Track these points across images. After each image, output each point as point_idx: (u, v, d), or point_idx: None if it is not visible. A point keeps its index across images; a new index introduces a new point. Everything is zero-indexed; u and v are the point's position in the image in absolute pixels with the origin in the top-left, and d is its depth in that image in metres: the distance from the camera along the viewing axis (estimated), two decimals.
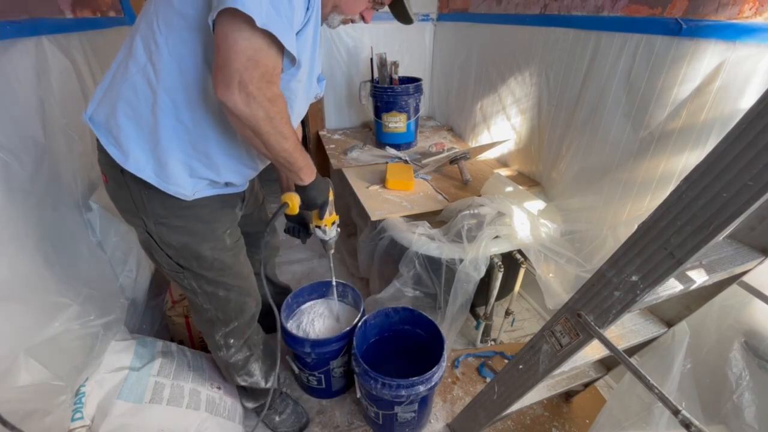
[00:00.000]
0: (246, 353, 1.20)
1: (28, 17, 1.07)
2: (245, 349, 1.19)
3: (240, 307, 1.11)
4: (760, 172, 0.50)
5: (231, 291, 1.06)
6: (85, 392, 1.01)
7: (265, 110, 0.72)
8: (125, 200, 0.89)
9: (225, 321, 1.10)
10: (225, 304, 1.07)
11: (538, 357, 0.92)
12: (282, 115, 0.77)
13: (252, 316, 1.17)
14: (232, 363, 1.18)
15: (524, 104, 1.78)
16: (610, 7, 1.29)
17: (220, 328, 1.11)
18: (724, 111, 1.04)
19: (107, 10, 1.64)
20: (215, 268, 1.00)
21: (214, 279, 1.01)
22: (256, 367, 1.23)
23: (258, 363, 1.24)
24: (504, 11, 1.83)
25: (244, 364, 1.21)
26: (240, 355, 1.18)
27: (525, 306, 2.00)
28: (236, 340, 1.16)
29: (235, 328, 1.13)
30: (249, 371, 1.23)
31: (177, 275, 1.00)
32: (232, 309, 1.09)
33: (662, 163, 1.21)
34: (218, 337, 1.13)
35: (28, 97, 1.02)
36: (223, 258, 1.00)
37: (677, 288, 0.75)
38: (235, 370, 1.21)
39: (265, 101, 0.71)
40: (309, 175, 0.94)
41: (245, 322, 1.15)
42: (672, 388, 0.95)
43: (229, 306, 1.08)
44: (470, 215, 1.46)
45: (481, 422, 1.20)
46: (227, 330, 1.12)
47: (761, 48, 0.94)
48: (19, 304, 0.86)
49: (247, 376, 1.23)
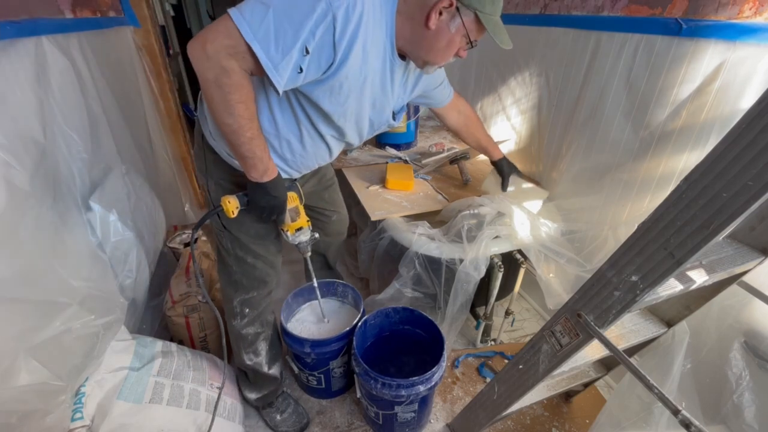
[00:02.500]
0: (257, 329, 1.26)
1: (28, 17, 1.07)
2: (257, 324, 1.26)
3: (263, 277, 1.20)
4: (760, 172, 0.50)
5: (258, 259, 1.17)
6: (85, 392, 1.01)
7: (216, 75, 0.77)
8: (200, 160, 1.09)
9: (247, 287, 1.20)
10: (251, 271, 1.18)
11: (538, 357, 0.92)
12: (235, 91, 0.79)
13: (269, 292, 1.25)
14: (243, 335, 1.25)
15: (524, 104, 1.78)
16: (610, 7, 1.29)
17: (240, 293, 1.20)
18: (724, 111, 1.04)
19: (107, 10, 1.64)
20: (251, 234, 1.13)
21: (246, 244, 1.13)
22: (263, 347, 1.30)
23: (266, 343, 1.30)
24: (504, 11, 1.82)
25: (254, 339, 1.27)
26: (251, 329, 1.25)
27: (525, 306, 2.00)
28: (251, 310, 1.23)
29: (253, 298, 1.21)
30: (256, 350, 1.29)
31: (220, 234, 1.15)
32: (256, 277, 1.19)
33: (662, 163, 1.21)
34: (236, 302, 1.21)
35: (28, 97, 1.02)
36: (258, 227, 1.13)
37: (677, 288, 0.75)
38: (244, 344, 1.27)
39: (217, 66, 0.76)
40: (258, 172, 0.94)
41: (263, 295, 1.23)
42: (672, 388, 0.95)
43: (254, 273, 1.18)
44: (470, 215, 1.46)
45: (481, 422, 1.20)
46: (246, 297, 1.21)
47: (761, 48, 0.94)
48: (19, 304, 0.85)
49: (253, 355, 1.29)
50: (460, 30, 0.89)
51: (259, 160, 0.92)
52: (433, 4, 0.84)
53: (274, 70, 0.77)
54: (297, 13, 0.74)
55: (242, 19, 0.73)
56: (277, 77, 0.79)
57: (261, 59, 0.75)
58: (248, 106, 0.84)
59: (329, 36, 0.77)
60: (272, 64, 0.77)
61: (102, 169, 1.34)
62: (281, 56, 0.76)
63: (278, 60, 0.77)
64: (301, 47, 0.76)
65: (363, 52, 0.84)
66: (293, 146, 1.02)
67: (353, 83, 0.88)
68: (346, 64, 0.82)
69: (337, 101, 0.91)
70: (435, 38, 0.88)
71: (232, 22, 0.73)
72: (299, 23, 0.74)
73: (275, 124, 0.97)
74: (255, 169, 0.92)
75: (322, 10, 0.74)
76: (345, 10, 0.76)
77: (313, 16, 0.74)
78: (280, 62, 0.77)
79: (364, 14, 0.79)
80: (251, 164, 0.92)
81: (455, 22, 0.87)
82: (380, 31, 0.86)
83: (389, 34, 0.88)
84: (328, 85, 0.86)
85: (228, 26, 0.74)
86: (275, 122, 0.97)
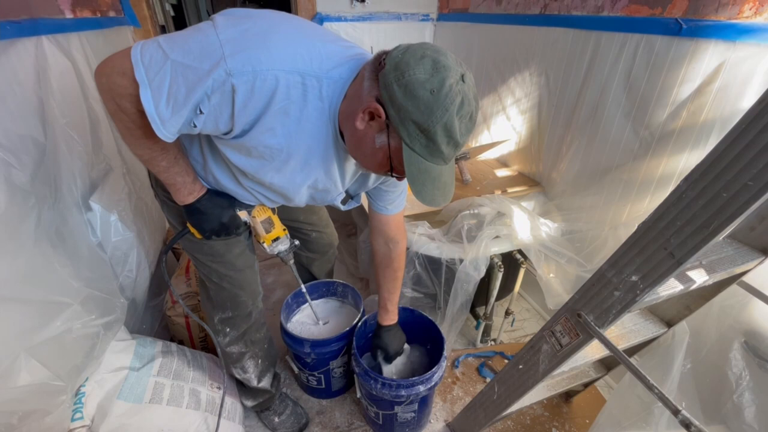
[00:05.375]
0: (242, 348, 1.22)
1: (28, 17, 1.07)
2: (241, 344, 1.21)
3: (233, 298, 1.12)
4: (760, 172, 0.50)
5: (223, 280, 1.09)
6: (85, 392, 1.01)
7: (114, 109, 0.72)
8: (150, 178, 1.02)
9: (221, 307, 1.14)
10: (219, 291, 1.11)
11: (538, 357, 0.92)
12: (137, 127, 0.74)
13: (249, 313, 1.17)
14: (227, 353, 1.21)
15: (524, 104, 1.78)
16: (610, 7, 1.29)
17: (217, 311, 1.15)
18: (724, 111, 1.04)
19: (107, 10, 1.64)
20: (204, 252, 1.05)
21: (205, 263, 1.06)
22: (250, 365, 1.26)
23: (253, 361, 1.26)
24: (504, 11, 1.83)
25: (239, 358, 1.23)
26: (235, 348, 1.21)
27: (525, 306, 1.99)
28: (232, 330, 1.18)
29: (231, 318, 1.15)
30: (243, 366, 1.25)
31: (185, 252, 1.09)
32: (227, 298, 1.12)
33: (662, 163, 1.21)
34: (216, 320, 1.16)
35: (28, 97, 1.02)
36: (212, 244, 1.03)
37: (677, 288, 0.75)
38: (230, 360, 1.24)
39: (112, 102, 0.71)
40: (182, 195, 0.88)
41: (241, 316, 1.16)
42: (672, 388, 0.95)
43: (223, 293, 1.11)
44: (470, 215, 1.46)
45: (481, 422, 1.19)
46: (223, 316, 1.15)
47: (761, 48, 0.94)
48: (19, 304, 0.85)
49: (241, 371, 1.26)
50: (383, 150, 0.72)
51: (182, 185, 0.87)
52: (365, 106, 0.68)
53: (160, 125, 0.69)
54: (192, 73, 0.65)
55: (140, 63, 0.65)
56: (162, 131, 0.70)
57: (147, 111, 0.67)
58: (156, 140, 0.76)
59: (227, 106, 0.68)
60: (159, 119, 0.68)
61: (102, 169, 1.34)
62: (170, 113, 0.68)
63: (167, 116, 0.68)
64: (194, 107, 0.68)
65: (283, 129, 0.73)
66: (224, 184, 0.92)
67: (266, 154, 0.77)
68: (248, 137, 0.73)
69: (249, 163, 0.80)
70: (361, 140, 0.73)
71: (130, 62, 0.65)
72: (193, 84, 0.65)
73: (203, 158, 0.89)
74: (179, 192, 0.88)
75: (219, 77, 0.64)
76: (250, 86, 0.66)
77: (208, 81, 0.64)
78: (168, 119, 0.69)
79: (279, 92, 0.67)
80: (174, 190, 0.88)
81: (380, 138, 0.71)
82: (317, 113, 0.74)
83: (332, 119, 0.75)
84: (233, 145, 0.77)
85: (125, 65, 0.66)
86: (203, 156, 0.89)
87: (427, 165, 0.69)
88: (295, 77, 0.68)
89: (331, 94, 0.72)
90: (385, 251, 1.16)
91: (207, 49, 0.64)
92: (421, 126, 0.65)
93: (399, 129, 0.67)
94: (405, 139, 0.67)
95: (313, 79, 0.70)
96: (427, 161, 0.69)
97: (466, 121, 0.68)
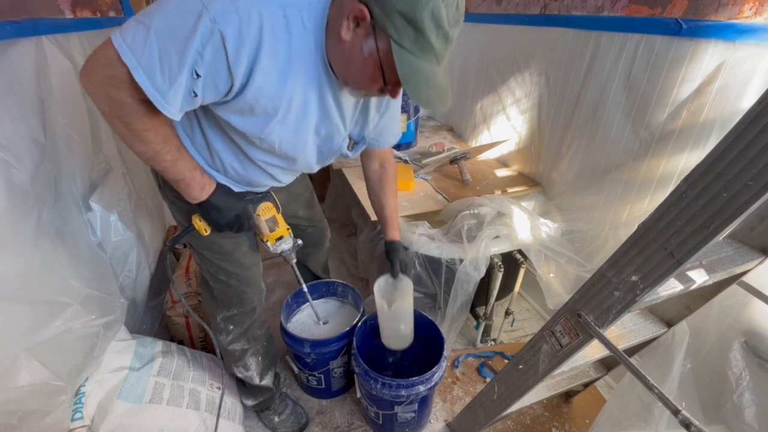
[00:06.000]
0: (244, 345, 1.22)
1: (28, 17, 1.07)
2: (244, 341, 1.22)
3: (239, 295, 1.14)
4: (760, 172, 0.50)
5: (231, 277, 1.10)
6: (85, 392, 1.01)
7: (109, 107, 0.71)
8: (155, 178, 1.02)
9: (226, 305, 1.15)
10: (226, 288, 1.12)
11: (538, 357, 0.92)
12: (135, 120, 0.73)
13: (253, 309, 1.19)
14: (230, 351, 1.22)
15: (524, 104, 1.78)
16: (610, 7, 1.29)
17: (221, 310, 1.16)
18: (724, 111, 1.04)
19: (107, 10, 1.64)
20: (213, 250, 1.06)
21: (213, 261, 1.07)
22: (252, 362, 1.26)
23: (255, 358, 1.26)
24: (504, 11, 1.83)
25: (241, 355, 1.23)
26: (238, 345, 1.21)
27: (525, 306, 2.00)
28: (235, 327, 1.19)
29: (235, 315, 1.17)
30: (245, 364, 1.25)
31: (192, 251, 1.10)
32: (233, 295, 1.14)
33: (662, 163, 1.21)
34: (219, 319, 1.17)
35: (28, 97, 1.02)
36: (221, 242, 1.05)
37: (677, 288, 0.75)
38: (232, 359, 1.24)
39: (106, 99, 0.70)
40: (195, 191, 0.87)
41: (245, 312, 1.18)
42: (672, 388, 0.95)
43: (230, 291, 1.13)
44: (470, 215, 1.46)
45: (481, 422, 1.20)
46: (228, 314, 1.16)
47: (761, 48, 0.94)
48: (19, 304, 0.85)
49: (243, 369, 1.26)
50: (373, 58, 0.70)
51: (191, 180, 0.85)
52: (347, 11, 0.68)
53: (162, 101, 0.68)
54: (178, 32, 0.63)
55: (123, 45, 0.64)
56: (167, 108, 0.69)
57: (146, 90, 0.66)
58: (158, 131, 0.76)
59: (221, 58, 0.66)
60: (159, 94, 0.67)
61: (102, 169, 1.34)
62: (169, 84, 0.66)
63: (166, 89, 0.67)
64: (190, 71, 0.66)
65: (277, 72, 0.72)
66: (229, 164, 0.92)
67: (269, 107, 0.76)
68: (249, 87, 0.71)
69: (254, 124, 0.79)
70: (349, 53, 0.72)
71: (114, 49, 0.64)
72: (182, 44, 0.64)
73: (206, 141, 0.88)
74: (191, 189, 0.86)
75: (206, 28, 0.63)
76: (236, 28, 0.64)
77: (196, 36, 0.63)
78: (168, 91, 0.67)
79: (266, 30, 0.67)
80: (184, 186, 0.85)
81: (369, 44, 0.70)
82: (304, 47, 0.73)
83: (319, 49, 0.74)
84: (235, 107, 0.76)
85: (109, 54, 0.64)
86: (206, 139, 0.88)
87: (419, 63, 0.68)
88: (275, 10, 0.68)
89: (313, 20, 0.72)
90: (381, 173, 1.19)
91: (185, 4, 0.64)
92: (407, 16, 0.64)
93: (386, 26, 0.66)
94: (393, 35, 0.66)
95: (293, 9, 0.70)
96: (418, 58, 0.68)
97: (453, 10, 0.67)
